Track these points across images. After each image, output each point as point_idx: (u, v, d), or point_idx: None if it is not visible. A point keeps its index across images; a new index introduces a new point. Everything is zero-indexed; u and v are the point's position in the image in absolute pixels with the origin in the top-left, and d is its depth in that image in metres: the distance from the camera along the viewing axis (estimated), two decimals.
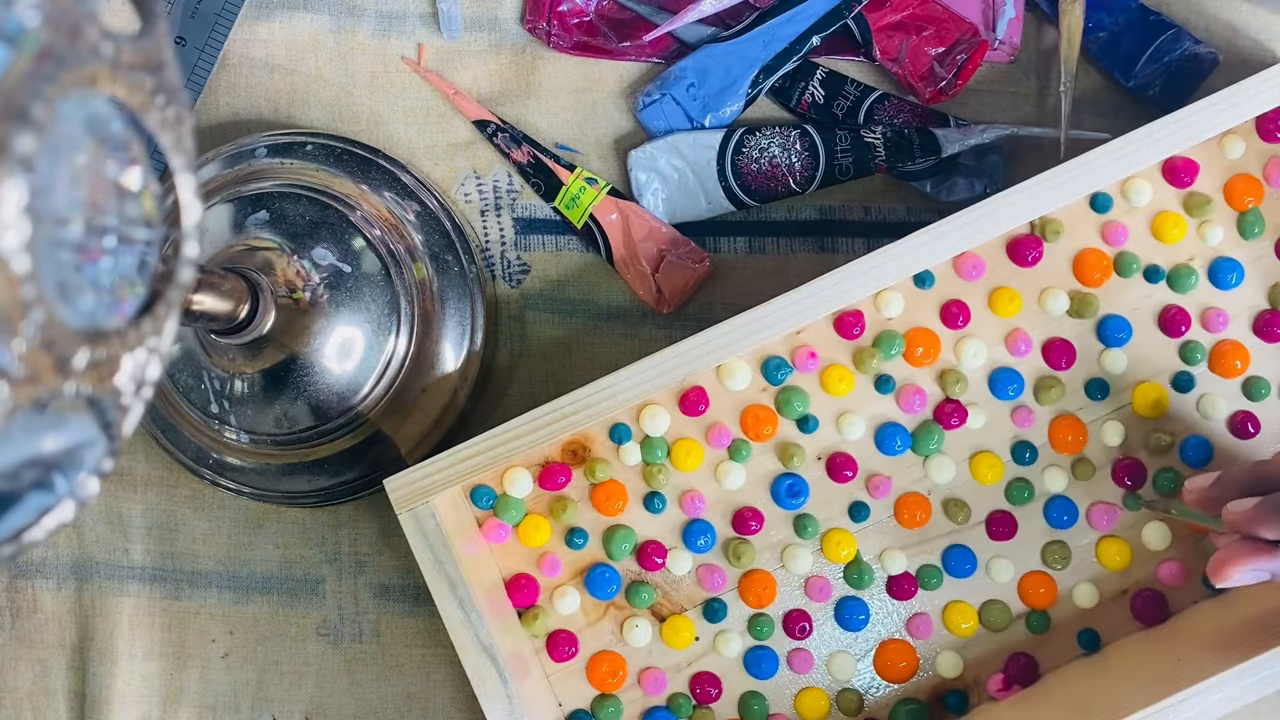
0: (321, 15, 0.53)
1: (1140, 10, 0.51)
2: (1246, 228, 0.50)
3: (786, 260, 0.52)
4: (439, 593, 0.46)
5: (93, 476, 0.25)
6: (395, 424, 0.50)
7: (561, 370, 0.53)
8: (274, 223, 0.48)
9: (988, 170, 0.51)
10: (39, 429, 0.24)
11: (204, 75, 0.53)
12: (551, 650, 0.50)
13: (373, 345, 0.48)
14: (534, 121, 0.53)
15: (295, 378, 0.47)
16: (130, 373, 0.25)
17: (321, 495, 0.51)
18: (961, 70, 0.51)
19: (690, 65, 0.51)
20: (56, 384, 0.22)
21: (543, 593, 0.50)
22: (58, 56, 0.22)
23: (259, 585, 0.53)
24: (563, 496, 0.50)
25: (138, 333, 0.25)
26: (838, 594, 0.50)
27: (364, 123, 0.53)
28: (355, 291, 0.48)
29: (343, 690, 0.52)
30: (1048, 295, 0.50)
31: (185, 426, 0.50)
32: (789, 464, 0.50)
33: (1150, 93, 0.51)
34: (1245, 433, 0.50)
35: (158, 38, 0.25)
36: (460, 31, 0.53)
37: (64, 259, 0.23)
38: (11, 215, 0.20)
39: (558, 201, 0.51)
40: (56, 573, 0.53)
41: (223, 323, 0.43)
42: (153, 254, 0.26)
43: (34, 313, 0.21)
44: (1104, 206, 0.50)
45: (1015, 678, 0.49)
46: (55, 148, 0.23)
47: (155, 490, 0.53)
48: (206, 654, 0.53)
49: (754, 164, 0.51)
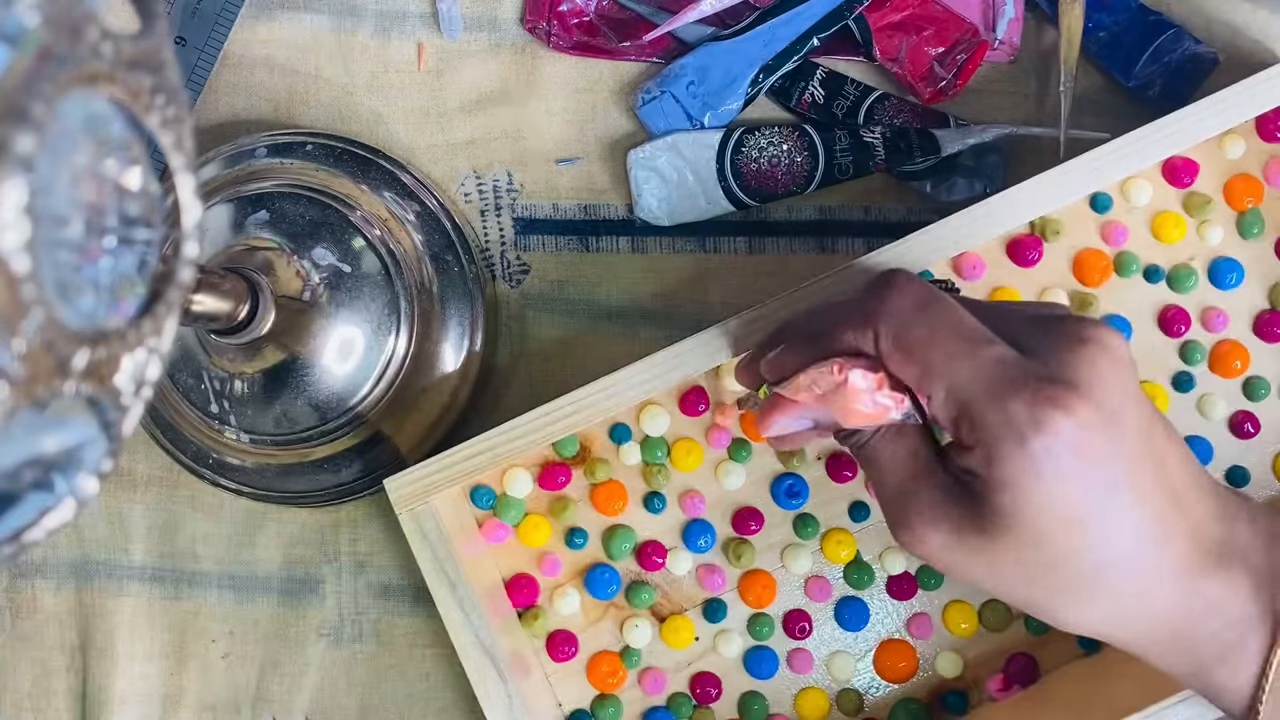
0: (321, 15, 0.53)
1: (1140, 10, 0.51)
2: (1246, 228, 0.50)
3: (786, 260, 0.52)
4: (439, 593, 0.46)
5: (93, 476, 0.25)
6: (395, 424, 0.50)
7: (561, 370, 0.53)
8: (274, 223, 0.48)
9: (988, 170, 0.51)
10: (39, 429, 0.24)
11: (204, 75, 0.53)
12: (551, 650, 0.50)
13: (373, 345, 0.48)
14: (534, 121, 0.53)
15: (295, 378, 0.47)
16: (130, 373, 0.25)
17: (321, 495, 0.51)
18: (961, 70, 0.51)
19: (690, 63, 0.51)
20: (56, 384, 0.22)
21: (543, 593, 0.50)
22: (58, 56, 0.22)
23: (259, 585, 0.53)
24: (563, 496, 0.50)
25: (138, 333, 0.25)
26: (838, 594, 0.50)
27: (364, 123, 0.53)
28: (355, 291, 0.48)
29: (343, 690, 0.52)
30: (1047, 295, 0.50)
31: (185, 426, 0.50)
32: (789, 464, 0.50)
33: (1150, 93, 0.51)
34: (1245, 433, 0.50)
35: (158, 38, 0.25)
36: (460, 31, 0.53)
37: (64, 259, 0.23)
38: (11, 215, 0.20)
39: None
40: (56, 573, 0.53)
41: (223, 323, 0.43)
42: (153, 254, 0.26)
43: (34, 313, 0.21)
44: (1104, 206, 0.50)
45: (1015, 678, 0.49)
46: (55, 148, 0.23)
47: (155, 490, 0.53)
48: (206, 654, 0.53)
49: (754, 164, 0.51)
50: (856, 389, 0.35)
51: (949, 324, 0.35)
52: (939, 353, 0.35)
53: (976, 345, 0.35)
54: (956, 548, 0.36)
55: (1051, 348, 0.35)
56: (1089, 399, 0.33)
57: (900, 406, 0.36)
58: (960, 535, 0.35)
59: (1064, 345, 0.34)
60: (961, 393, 0.34)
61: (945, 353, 0.35)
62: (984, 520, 0.35)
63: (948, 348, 0.35)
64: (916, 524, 0.36)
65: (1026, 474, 0.33)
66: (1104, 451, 0.34)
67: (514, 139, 0.53)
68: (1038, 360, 0.34)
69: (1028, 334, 0.35)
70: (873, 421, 0.36)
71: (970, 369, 0.34)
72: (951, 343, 0.35)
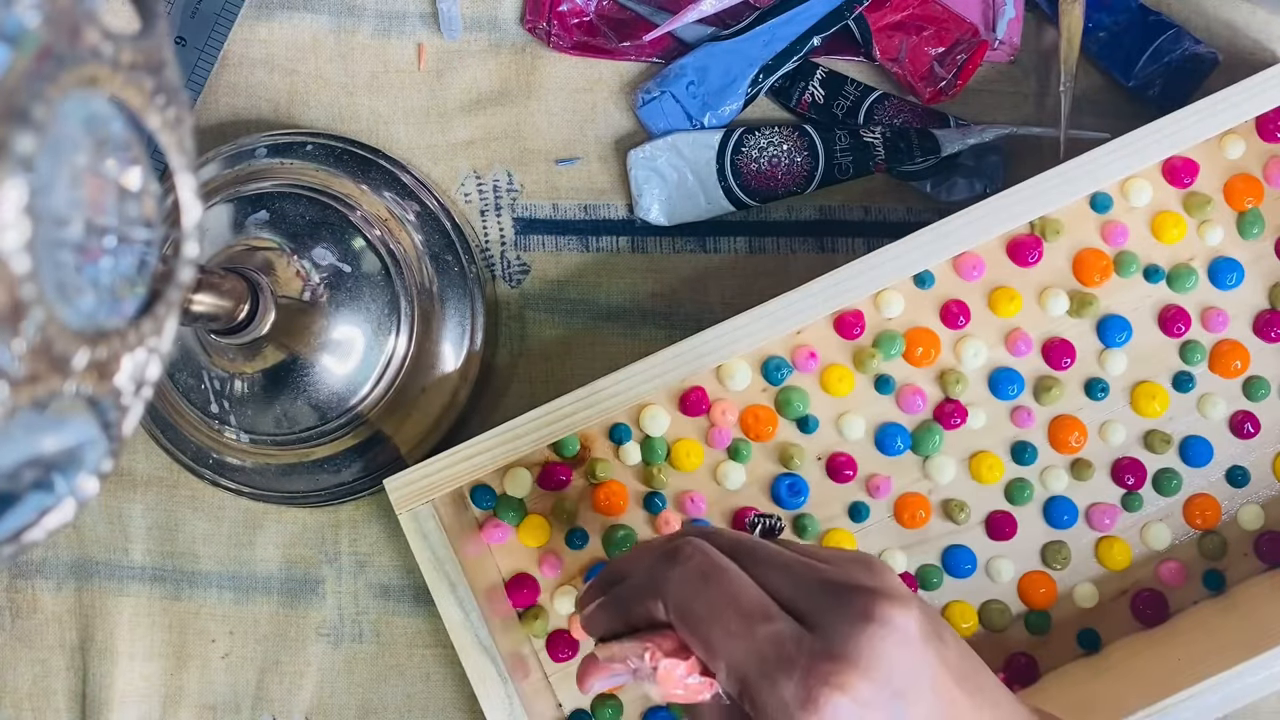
0: (321, 15, 0.53)
1: (1140, 10, 0.51)
2: (1246, 228, 0.50)
3: (786, 260, 0.52)
4: (439, 593, 0.46)
5: (93, 476, 0.25)
6: (395, 424, 0.50)
7: (561, 370, 0.53)
8: (274, 223, 0.48)
9: (988, 170, 0.51)
10: (39, 429, 0.24)
11: (204, 75, 0.53)
12: (551, 650, 0.50)
13: (373, 345, 0.48)
14: (534, 121, 0.53)
15: (295, 378, 0.47)
16: (130, 373, 0.25)
17: (321, 495, 0.51)
18: (961, 70, 0.51)
19: (690, 63, 0.51)
20: (56, 384, 0.22)
21: (543, 593, 0.50)
22: (58, 56, 0.22)
23: (259, 585, 0.53)
24: (563, 496, 0.50)
25: (138, 333, 0.25)
26: None
27: (364, 123, 0.53)
28: (355, 291, 0.48)
29: (343, 690, 0.52)
30: (1048, 295, 0.50)
31: (185, 426, 0.50)
32: (789, 464, 0.50)
33: (1150, 93, 0.51)
34: (1245, 433, 0.50)
35: (158, 38, 0.25)
36: (460, 31, 0.53)
37: (64, 259, 0.23)
38: (11, 215, 0.20)
39: None
40: (56, 573, 0.53)
41: (223, 323, 0.43)
42: (153, 254, 0.26)
43: (34, 313, 0.21)
44: (1104, 206, 0.50)
45: (1015, 678, 0.49)
46: (55, 148, 0.23)
47: (155, 490, 0.53)
48: (206, 654, 0.53)
49: (754, 164, 0.51)
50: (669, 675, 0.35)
51: (728, 599, 0.34)
52: (718, 630, 0.34)
53: (753, 623, 0.34)
54: None
55: (836, 622, 0.33)
56: (868, 677, 0.32)
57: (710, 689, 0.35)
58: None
59: (848, 621, 0.33)
60: (739, 670, 0.33)
61: (724, 630, 0.34)
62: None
63: (726, 625, 0.34)
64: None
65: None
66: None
67: (514, 139, 0.53)
68: (819, 635, 0.33)
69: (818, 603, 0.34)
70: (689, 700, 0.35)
71: (745, 648, 0.33)
72: (730, 620, 0.34)
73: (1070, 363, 0.50)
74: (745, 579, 0.35)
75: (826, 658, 0.32)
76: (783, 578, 0.35)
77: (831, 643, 0.33)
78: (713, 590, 0.34)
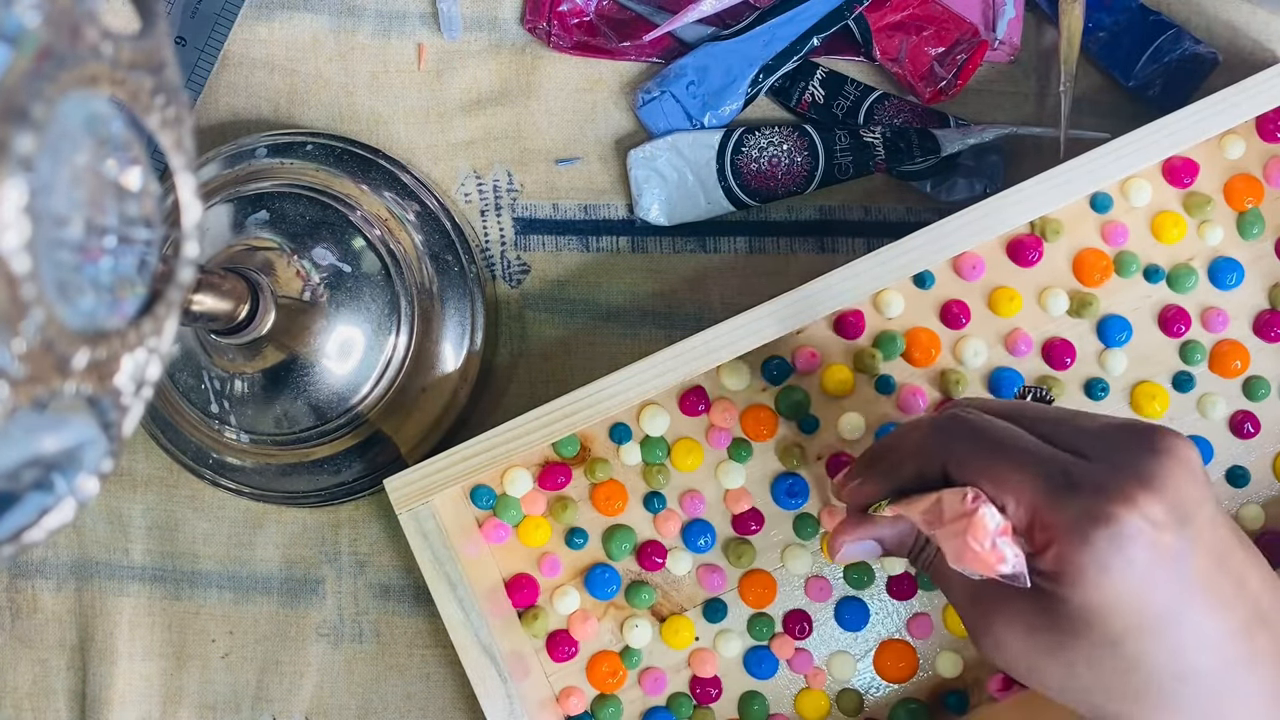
0: (321, 15, 0.53)
1: (1140, 10, 0.51)
2: (1246, 228, 0.50)
3: (786, 260, 0.52)
4: (439, 593, 0.46)
5: (93, 476, 0.25)
6: (395, 424, 0.50)
7: (561, 370, 0.53)
8: (274, 223, 0.48)
9: (988, 170, 0.51)
10: (39, 429, 0.24)
11: (204, 75, 0.53)
12: (551, 650, 0.50)
13: (373, 345, 0.48)
14: (534, 121, 0.53)
15: (295, 378, 0.47)
16: (130, 373, 0.25)
17: (321, 495, 0.51)
18: (961, 70, 0.51)
19: (690, 63, 0.51)
20: (56, 384, 0.22)
21: (543, 593, 0.50)
22: (58, 56, 0.22)
23: (259, 585, 0.53)
24: (563, 496, 0.50)
25: (138, 333, 0.25)
26: (838, 594, 0.50)
27: (364, 123, 0.53)
28: (355, 291, 0.48)
29: (343, 690, 0.52)
30: (1048, 295, 0.50)
31: (185, 426, 0.50)
32: (789, 464, 0.50)
33: (1150, 93, 0.51)
34: (1245, 433, 0.50)
35: (158, 38, 0.25)
36: (460, 31, 0.53)
37: (64, 259, 0.23)
38: (11, 215, 0.20)
39: None
40: (56, 573, 0.53)
41: (223, 323, 0.43)
42: (153, 254, 0.26)
43: (34, 313, 0.21)
44: (1104, 206, 0.50)
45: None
46: (55, 148, 0.23)
47: (155, 490, 0.53)
48: (206, 654, 0.53)
49: (754, 164, 0.51)
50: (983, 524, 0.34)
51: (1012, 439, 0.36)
52: (1005, 464, 0.35)
53: (1040, 457, 0.35)
54: (1033, 651, 0.35)
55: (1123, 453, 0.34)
56: (1161, 498, 0.33)
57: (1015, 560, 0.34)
58: (1035, 637, 0.35)
59: (1136, 451, 0.34)
60: (1030, 498, 0.34)
61: (1012, 464, 0.35)
62: (1058, 619, 0.34)
63: (1014, 459, 0.35)
64: (995, 628, 0.36)
65: (1093, 567, 0.33)
66: (1176, 550, 0.33)
67: (514, 139, 0.53)
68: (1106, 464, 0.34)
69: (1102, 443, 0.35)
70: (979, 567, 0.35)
71: (1035, 474, 0.34)
72: (1017, 455, 0.35)
73: (1070, 363, 0.50)
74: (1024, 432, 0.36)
75: (1119, 479, 0.33)
76: (1060, 429, 0.36)
77: (1121, 469, 0.34)
78: (993, 438, 0.36)
